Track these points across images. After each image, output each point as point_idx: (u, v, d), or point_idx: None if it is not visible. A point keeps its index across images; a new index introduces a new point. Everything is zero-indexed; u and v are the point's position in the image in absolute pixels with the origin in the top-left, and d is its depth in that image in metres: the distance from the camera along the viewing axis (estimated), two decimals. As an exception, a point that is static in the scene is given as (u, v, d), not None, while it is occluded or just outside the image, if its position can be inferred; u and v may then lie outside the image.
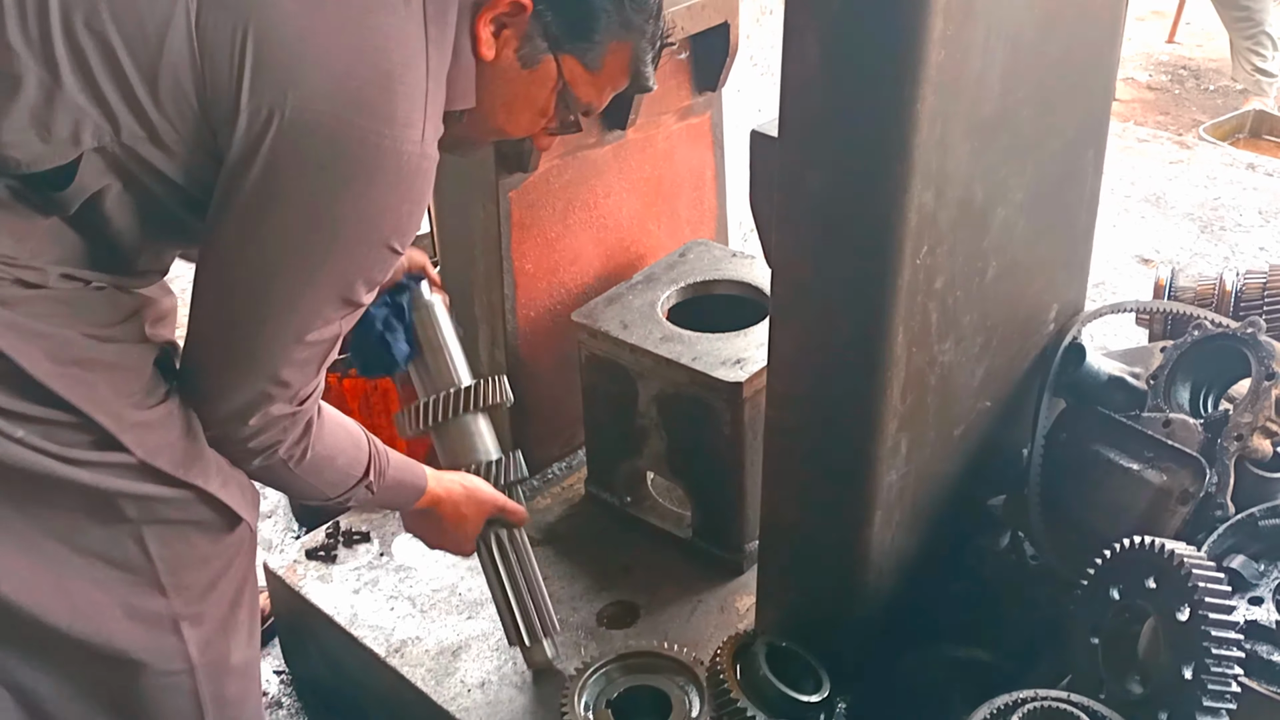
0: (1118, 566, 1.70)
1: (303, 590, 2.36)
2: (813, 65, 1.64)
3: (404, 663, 2.19)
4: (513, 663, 2.18)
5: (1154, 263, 4.09)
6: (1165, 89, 6.07)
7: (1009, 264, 1.89)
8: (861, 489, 1.86)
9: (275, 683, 2.58)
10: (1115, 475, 1.95)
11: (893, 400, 1.78)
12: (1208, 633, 1.53)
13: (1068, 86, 1.85)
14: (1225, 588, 1.57)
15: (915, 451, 1.88)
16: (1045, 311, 2.08)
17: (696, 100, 2.59)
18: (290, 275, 1.43)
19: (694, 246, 2.54)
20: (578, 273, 2.51)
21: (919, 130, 1.59)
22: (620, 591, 2.32)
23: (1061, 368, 2.07)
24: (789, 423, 1.92)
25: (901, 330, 1.73)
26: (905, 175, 1.61)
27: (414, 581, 2.37)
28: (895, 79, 1.56)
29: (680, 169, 2.63)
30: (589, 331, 2.31)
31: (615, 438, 2.41)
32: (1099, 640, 1.72)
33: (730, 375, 2.15)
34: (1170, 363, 2.00)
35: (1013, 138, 1.77)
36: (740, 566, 2.32)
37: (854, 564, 1.94)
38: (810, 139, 1.70)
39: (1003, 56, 1.67)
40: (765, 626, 2.15)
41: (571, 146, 2.38)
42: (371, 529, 2.49)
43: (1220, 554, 1.75)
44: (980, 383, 1.97)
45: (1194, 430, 1.89)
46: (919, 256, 1.69)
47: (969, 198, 1.74)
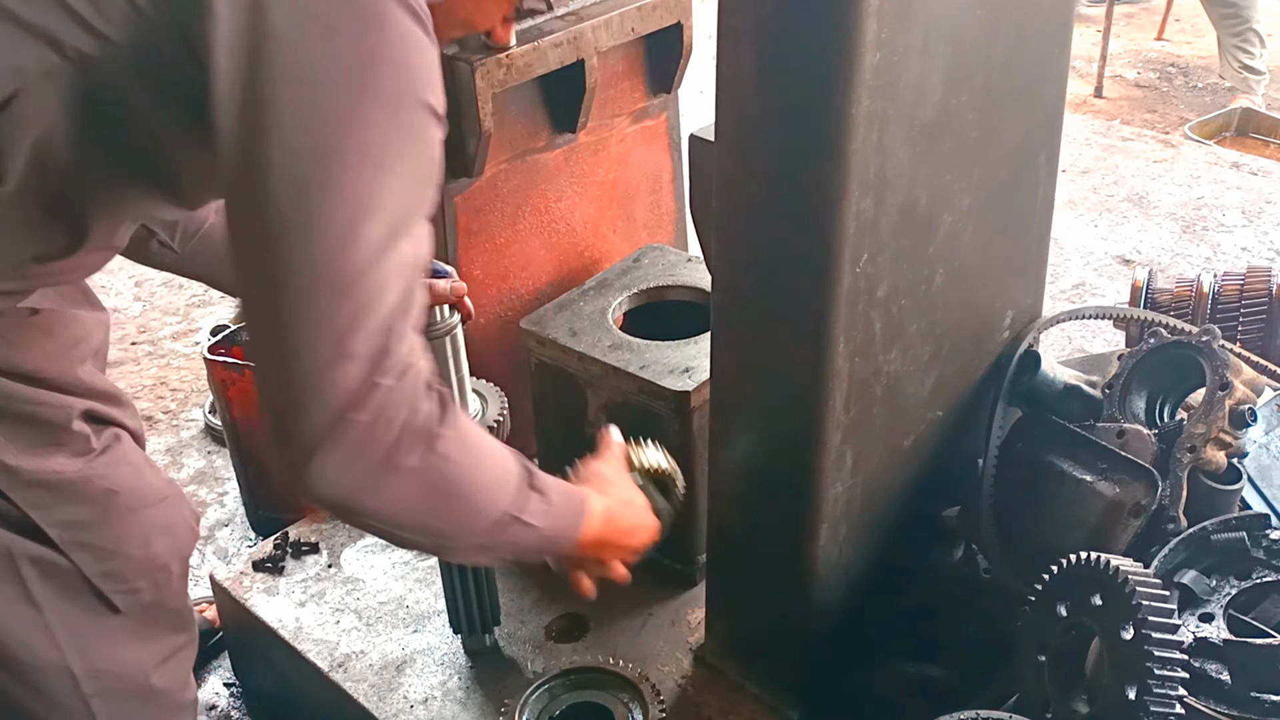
0: (1065, 582, 1.66)
1: (248, 603, 2.31)
2: (747, 69, 1.60)
3: (347, 678, 2.15)
4: (457, 677, 2.13)
5: (1135, 263, 4.05)
6: (1153, 86, 6.02)
7: (957, 270, 1.85)
8: (806, 502, 1.81)
9: (224, 695, 2.53)
10: (1068, 487, 1.91)
11: (836, 411, 1.74)
12: (1151, 652, 1.49)
13: (1015, 89, 1.80)
14: (1170, 606, 1.52)
15: (862, 464, 1.84)
16: (999, 318, 2.03)
17: (651, 102, 2.54)
18: (327, 158, 1.12)
19: (649, 251, 2.50)
20: (529, 279, 2.46)
21: (855, 135, 1.54)
22: (570, 604, 2.27)
23: (1016, 376, 2.03)
24: (731, 434, 1.88)
25: (843, 340, 1.68)
26: (841, 181, 1.57)
27: (361, 594, 2.32)
28: (829, 83, 1.51)
29: (636, 172, 2.58)
30: (537, 339, 2.27)
31: (566, 447, 2.35)
32: (1046, 658, 1.68)
33: (678, 384, 2.11)
34: (1125, 371, 1.96)
35: (957, 142, 1.73)
36: (693, 578, 2.27)
37: (801, 578, 1.89)
38: (745, 145, 1.65)
39: (944, 59, 1.62)
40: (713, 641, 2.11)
41: (520, 150, 2.33)
42: (320, 539, 2.44)
43: (1171, 569, 1.71)
44: (930, 392, 1.92)
45: (1148, 441, 1.85)
46: (859, 264, 1.65)
47: (911, 203, 1.69)
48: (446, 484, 1.23)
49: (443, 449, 1.20)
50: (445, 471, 1.22)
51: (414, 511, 1.23)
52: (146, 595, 1.56)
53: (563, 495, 1.43)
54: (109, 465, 1.50)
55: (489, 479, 1.29)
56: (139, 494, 1.54)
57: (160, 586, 1.58)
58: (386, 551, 2.41)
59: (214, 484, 3.13)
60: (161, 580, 1.58)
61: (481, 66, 2.09)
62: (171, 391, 3.52)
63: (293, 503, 2.75)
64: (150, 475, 1.60)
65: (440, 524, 1.28)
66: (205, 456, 3.24)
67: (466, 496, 1.26)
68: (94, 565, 1.48)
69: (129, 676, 1.59)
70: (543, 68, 2.20)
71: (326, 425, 1.12)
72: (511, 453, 1.36)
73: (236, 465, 2.84)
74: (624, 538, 1.58)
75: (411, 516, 1.24)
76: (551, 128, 2.38)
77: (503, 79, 2.13)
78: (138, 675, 1.60)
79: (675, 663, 2.13)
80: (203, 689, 2.54)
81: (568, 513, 1.44)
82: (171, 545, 1.60)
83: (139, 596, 1.55)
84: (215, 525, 3.00)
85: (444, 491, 1.24)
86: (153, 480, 1.59)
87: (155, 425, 3.37)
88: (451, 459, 1.21)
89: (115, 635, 1.55)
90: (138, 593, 1.55)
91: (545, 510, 1.37)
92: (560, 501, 1.41)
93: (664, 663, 2.13)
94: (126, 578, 1.53)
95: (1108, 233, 4.28)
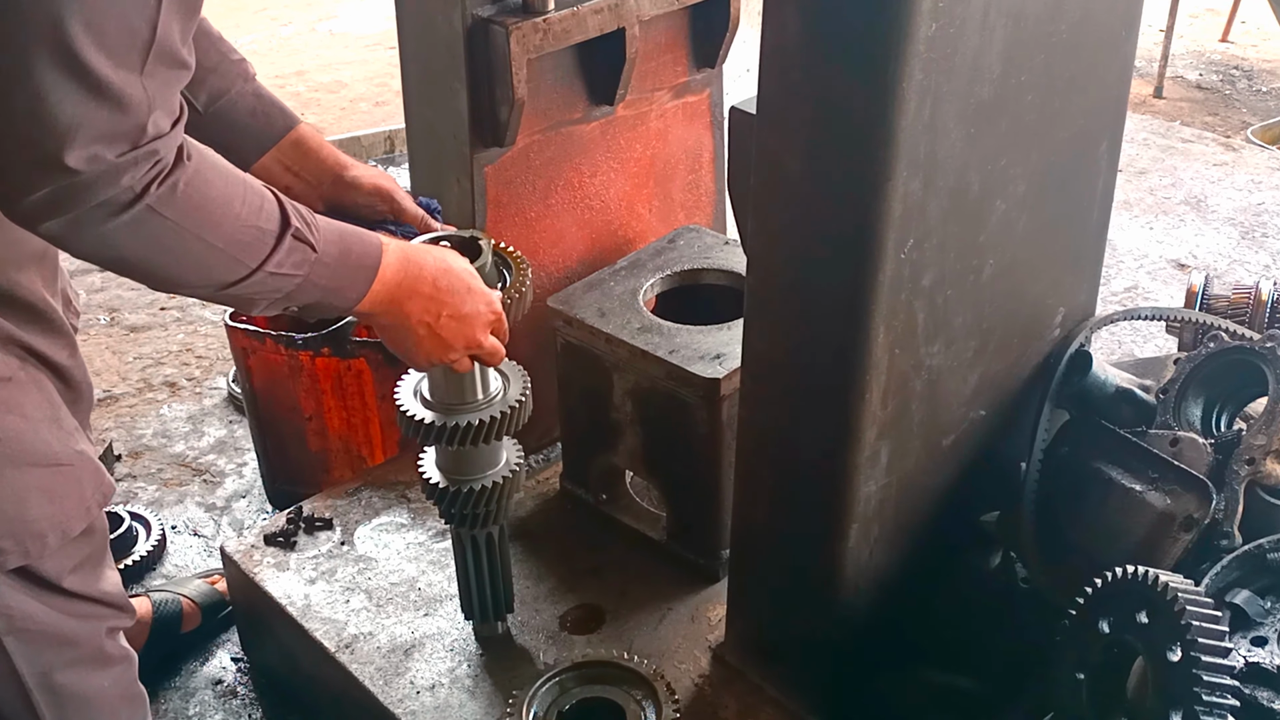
0: (1109, 597, 1.56)
1: (257, 577, 2.25)
2: (793, 35, 1.50)
3: (353, 659, 2.08)
4: (466, 665, 2.06)
5: (1190, 268, 3.92)
6: (1215, 89, 5.85)
7: (1008, 262, 1.75)
8: (836, 500, 1.72)
9: (231, 670, 2.47)
10: (1116, 496, 1.81)
11: (872, 406, 1.64)
12: (1199, 677, 1.39)
13: (1079, 70, 1.70)
14: (1222, 628, 1.43)
15: (897, 462, 1.75)
16: (1050, 315, 1.93)
17: (694, 77, 2.44)
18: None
19: (685, 233, 2.40)
20: (559, 256, 2.37)
21: (905, 110, 1.44)
22: (587, 594, 2.19)
23: (1065, 377, 1.93)
24: (761, 424, 1.79)
25: (883, 330, 1.59)
26: (889, 160, 1.47)
27: (373, 573, 2.25)
28: (880, 53, 1.42)
29: (675, 150, 2.48)
30: (564, 318, 2.18)
31: (590, 432, 2.28)
32: (1085, 676, 1.59)
33: (708, 371, 2.02)
34: (1182, 376, 1.86)
35: (1014, 123, 1.63)
36: (715, 573, 2.19)
37: (827, 579, 1.80)
38: (788, 117, 1.56)
39: (1004, 34, 1.52)
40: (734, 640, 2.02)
41: (554, 121, 2.24)
42: (335, 515, 2.37)
43: (1223, 588, 1.62)
44: (974, 390, 1.83)
45: (1203, 451, 1.75)
46: (904, 250, 1.55)
47: (963, 188, 1.60)
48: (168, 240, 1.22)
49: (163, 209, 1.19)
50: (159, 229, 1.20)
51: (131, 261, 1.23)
52: (11, 559, 1.44)
53: (339, 244, 1.39)
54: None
55: (225, 234, 1.26)
56: (26, 449, 1.42)
57: (28, 554, 1.46)
58: (401, 531, 2.34)
59: (234, 454, 3.08)
60: (34, 549, 1.46)
61: (517, 30, 2.00)
62: (197, 359, 3.46)
63: (311, 477, 2.70)
64: (49, 435, 1.46)
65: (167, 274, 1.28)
66: (226, 426, 3.18)
67: (194, 254, 1.24)
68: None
69: (41, 621, 1.52)
70: (581, 34, 2.10)
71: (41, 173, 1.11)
72: (272, 200, 1.32)
73: (255, 436, 2.77)
74: (446, 298, 1.54)
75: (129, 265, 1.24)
76: (588, 99, 2.28)
77: (539, 44, 2.04)
78: (51, 624, 1.54)
79: (693, 661, 2.05)
80: (210, 663, 2.49)
81: (348, 261, 1.41)
82: (51, 515, 1.47)
83: (4, 557, 1.44)
84: (232, 496, 2.94)
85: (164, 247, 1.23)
86: (50, 440, 1.46)
87: (179, 392, 3.32)
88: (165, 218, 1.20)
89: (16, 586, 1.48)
90: (3, 553, 1.43)
91: (309, 260, 1.35)
92: (334, 251, 1.38)
93: (681, 660, 2.05)
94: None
95: (1163, 235, 4.15)
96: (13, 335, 1.43)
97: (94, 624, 1.63)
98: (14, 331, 1.43)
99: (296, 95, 5.37)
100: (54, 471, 1.47)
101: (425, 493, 1.91)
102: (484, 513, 1.91)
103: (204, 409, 3.25)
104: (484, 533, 1.96)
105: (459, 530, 1.96)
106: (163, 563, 2.75)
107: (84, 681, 1.63)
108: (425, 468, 1.91)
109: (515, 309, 1.73)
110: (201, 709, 2.40)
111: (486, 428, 1.78)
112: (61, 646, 1.58)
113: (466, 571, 2.02)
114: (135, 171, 1.16)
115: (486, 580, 2.02)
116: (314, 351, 2.52)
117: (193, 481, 3.00)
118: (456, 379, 1.77)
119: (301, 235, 1.34)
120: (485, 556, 1.99)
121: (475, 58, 2.05)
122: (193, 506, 2.91)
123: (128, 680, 1.73)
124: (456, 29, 2.02)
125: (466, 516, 1.91)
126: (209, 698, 2.42)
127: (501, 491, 1.89)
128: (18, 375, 1.43)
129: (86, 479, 1.52)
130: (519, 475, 1.91)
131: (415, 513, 2.38)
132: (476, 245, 1.72)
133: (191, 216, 1.22)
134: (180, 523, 2.87)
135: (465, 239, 1.74)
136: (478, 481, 1.87)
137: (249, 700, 2.42)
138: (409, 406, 1.81)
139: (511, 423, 1.81)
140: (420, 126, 2.22)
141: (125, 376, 3.39)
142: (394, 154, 4.65)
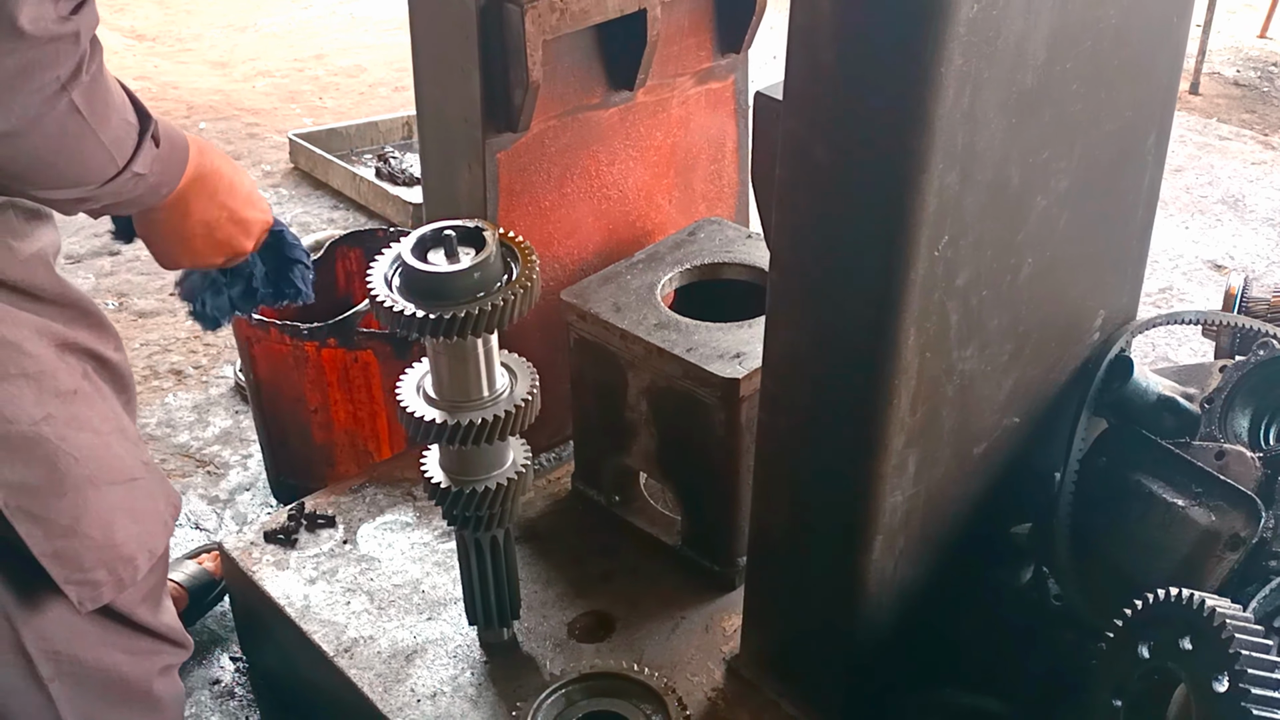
0: (1149, 620, 1.47)
1: (256, 576, 2.17)
2: (824, 13, 1.41)
3: (352, 664, 2.00)
4: (470, 673, 1.98)
5: (1227, 270, 3.81)
6: (1253, 86, 5.72)
7: (1048, 262, 1.65)
8: (860, 510, 1.63)
9: (230, 670, 2.40)
10: (1157, 510, 1.72)
11: (900, 411, 1.55)
12: (1249, 711, 1.30)
13: (1127, 59, 1.60)
14: (1273, 658, 1.33)
15: (926, 471, 1.65)
16: (1089, 318, 1.83)
17: (719, 63, 2.35)
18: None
19: (706, 225, 2.31)
20: (574, 247, 2.28)
21: (943, 98, 1.35)
22: (597, 601, 2.10)
23: (1104, 383, 1.84)
24: (782, 428, 1.70)
25: (914, 332, 1.50)
26: (924, 151, 1.38)
27: (375, 574, 2.17)
28: (917, 34, 1.33)
29: (697, 138, 2.39)
30: (578, 313, 2.09)
31: (603, 431, 2.19)
32: (1122, 704, 1.50)
33: (726, 370, 1.92)
34: (1229, 385, 1.77)
35: (1058, 114, 1.53)
36: (732, 581, 2.10)
37: (849, 593, 1.72)
38: (817, 103, 1.47)
39: (1049, 18, 1.43)
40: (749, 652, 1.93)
41: (571, 106, 2.15)
42: (338, 513, 2.29)
43: (1271, 612, 1.53)
44: (1008, 396, 1.73)
45: (1251, 465, 1.67)
46: (938, 247, 1.46)
47: (1002, 182, 1.50)
48: (68, 133, 1.14)
49: (75, 97, 1.12)
50: (69, 122, 1.13)
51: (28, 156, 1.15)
52: (106, 591, 1.37)
53: (168, 137, 1.31)
54: (69, 424, 1.31)
55: (111, 129, 1.19)
56: (103, 467, 1.34)
57: (122, 582, 1.39)
58: (405, 530, 2.26)
59: (239, 445, 3.00)
60: (125, 575, 1.39)
61: (533, 9, 1.91)
62: (205, 346, 3.39)
63: (316, 470, 2.62)
64: (120, 448, 1.39)
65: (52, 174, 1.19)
66: (233, 416, 3.11)
67: (86, 152, 1.17)
68: (43, 543, 1.29)
69: (93, 663, 1.43)
70: (600, 15, 2.01)
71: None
72: (130, 105, 1.23)
73: (259, 427, 2.70)
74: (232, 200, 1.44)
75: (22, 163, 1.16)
76: (607, 83, 2.19)
77: (555, 24, 1.95)
78: (106, 666, 1.45)
79: (706, 673, 1.96)
80: (208, 663, 2.41)
81: (173, 157, 1.33)
82: (138, 535, 1.40)
83: (98, 591, 1.36)
84: (236, 489, 2.87)
85: (65, 136, 1.15)
86: (122, 454, 1.39)
87: (185, 380, 3.25)
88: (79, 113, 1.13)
89: (74, 624, 1.39)
90: (96, 586, 1.35)
91: (156, 157, 1.27)
92: (168, 151, 1.30)
93: (694, 672, 1.96)
94: (82, 564, 1.34)
95: (1199, 235, 4.04)
96: (74, 341, 1.35)
97: (150, 661, 1.55)
98: (70, 335, 1.34)
99: (315, 79, 5.30)
100: (130, 487, 1.40)
101: (428, 493, 1.82)
102: (489, 515, 1.82)
103: (210, 398, 3.18)
104: (489, 536, 1.88)
105: (463, 533, 1.88)
106: (163, 556, 2.68)
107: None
108: (428, 467, 1.83)
109: (522, 302, 1.64)
110: (199, 709, 2.32)
111: (491, 426, 1.69)
112: (109, 689, 1.49)
113: (471, 575, 1.93)
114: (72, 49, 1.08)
115: (491, 585, 1.94)
116: (319, 342, 2.44)
117: (196, 473, 2.92)
118: (461, 374, 1.69)
119: (156, 134, 1.26)
120: (490, 560, 1.91)
121: (489, 38, 1.96)
122: (195, 499, 2.84)
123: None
124: (469, 8, 1.94)
125: (471, 519, 1.82)
126: (206, 698, 2.35)
127: (507, 493, 1.80)
128: (82, 387, 1.35)
129: (158, 490, 1.45)
130: (526, 476, 1.83)
131: (421, 511, 2.30)
132: (480, 235, 1.64)
133: (98, 112, 1.16)
134: (182, 516, 2.79)
135: (469, 228, 1.65)
136: (482, 483, 1.79)
137: (246, 702, 2.35)
138: (410, 403, 1.72)
139: (518, 421, 1.73)
140: (430, 110, 2.13)
141: (131, 363, 3.30)
142: (411, 140, 4.56)
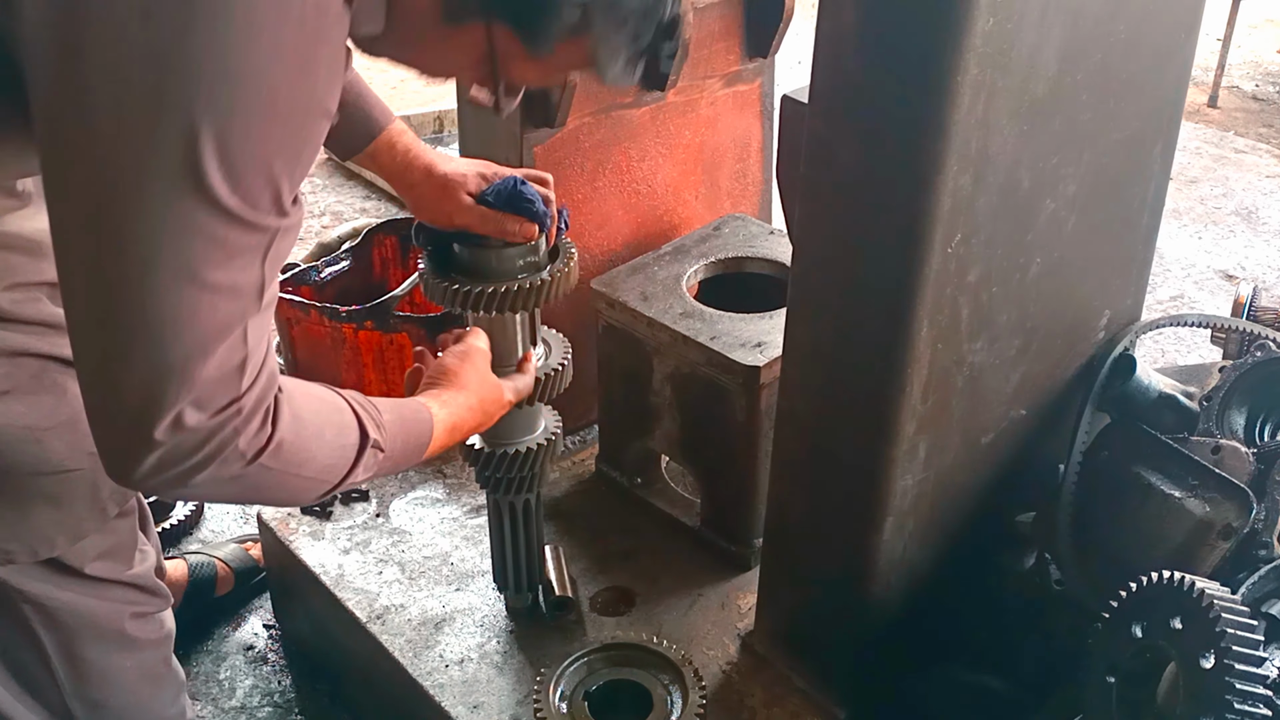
0: (1143, 602, 1.55)
1: (292, 545, 2.27)
2: (849, 23, 1.50)
3: (384, 630, 2.10)
4: (496, 640, 2.07)
5: (1238, 279, 3.87)
6: (1271, 100, 5.77)
7: (1055, 262, 1.74)
8: (872, 492, 1.72)
9: (263, 637, 2.50)
10: (1154, 501, 1.79)
11: (912, 399, 1.64)
12: (1232, 685, 1.38)
13: (1135, 71, 1.68)
14: (1257, 637, 1.41)
15: (935, 457, 1.74)
16: (1095, 318, 1.92)
17: (746, 67, 2.44)
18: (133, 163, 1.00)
19: (730, 220, 2.40)
20: (604, 239, 2.38)
21: (959, 105, 1.44)
22: (618, 577, 2.20)
23: (1108, 380, 1.91)
24: (799, 413, 1.79)
25: (927, 324, 1.59)
26: (940, 154, 1.46)
27: (407, 546, 2.27)
28: (935, 46, 1.41)
29: (724, 138, 2.48)
30: (607, 301, 2.19)
31: (627, 415, 2.29)
32: (1115, 680, 1.58)
33: (748, 358, 2.02)
34: (1227, 384, 1.84)
35: (1068, 123, 1.61)
36: (748, 562, 2.19)
37: (860, 572, 1.80)
38: (840, 107, 1.56)
39: (1061, 31, 1.51)
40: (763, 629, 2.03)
41: (605, 104, 2.25)
42: (371, 488, 2.39)
43: (1260, 598, 1.60)
44: (1015, 389, 1.82)
45: (1245, 459, 1.73)
46: (951, 245, 1.55)
47: (1013, 185, 1.59)
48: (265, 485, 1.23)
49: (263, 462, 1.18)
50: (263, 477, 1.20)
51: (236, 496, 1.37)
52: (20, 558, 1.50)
53: (403, 435, 1.40)
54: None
55: (325, 461, 1.27)
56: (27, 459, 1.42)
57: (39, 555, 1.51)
58: (435, 506, 2.36)
59: (273, 424, 3.10)
60: (41, 550, 1.52)
61: (572, 12, 2.00)
62: (240, 328, 3.48)
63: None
64: (57, 442, 1.44)
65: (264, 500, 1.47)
66: (267, 396, 3.21)
67: (290, 488, 1.26)
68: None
69: (62, 603, 1.57)
70: (635, 19, 2.10)
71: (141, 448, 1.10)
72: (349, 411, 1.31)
73: (295, 406, 2.79)
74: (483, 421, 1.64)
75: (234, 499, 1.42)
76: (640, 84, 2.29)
77: (593, 27, 2.04)
78: (75, 606, 1.59)
79: (721, 647, 2.05)
80: (242, 629, 2.52)
81: (410, 451, 1.44)
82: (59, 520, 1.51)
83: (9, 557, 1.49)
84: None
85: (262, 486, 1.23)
86: (58, 448, 1.44)
87: (221, 361, 3.34)
88: (271, 469, 1.20)
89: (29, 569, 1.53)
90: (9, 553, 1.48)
91: (383, 458, 1.36)
92: (400, 449, 1.40)
93: (710, 646, 2.05)
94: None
95: (1212, 246, 4.10)
96: (25, 348, 1.39)
97: (117, 606, 1.65)
98: (31, 344, 1.40)
99: (348, 72, 5.38)
100: (60, 479, 1.47)
101: (463, 456, 1.91)
102: (520, 478, 1.91)
103: (246, 378, 3.27)
104: (521, 499, 1.96)
105: (495, 496, 1.97)
106: (199, 528, 2.78)
107: (105, 658, 1.65)
108: None
109: (558, 287, 1.74)
110: (232, 673, 2.42)
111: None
112: (80, 623, 1.60)
113: (502, 539, 2.01)
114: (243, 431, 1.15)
115: (522, 548, 2.02)
116: (357, 324, 2.54)
117: (232, 449, 3.02)
118: (501, 342, 1.77)
119: (378, 444, 1.33)
120: (521, 524, 1.99)
121: (529, 38, 2.05)
122: (231, 474, 2.94)
123: (154, 662, 1.75)
124: (512, 9, 2.03)
125: (502, 481, 1.91)
126: (240, 663, 2.45)
127: (538, 457, 1.89)
128: (23, 386, 1.40)
129: (102, 481, 1.49)
130: (556, 442, 1.91)
131: (451, 488, 2.40)
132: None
133: (293, 461, 1.22)
134: (218, 489, 2.89)
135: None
136: (514, 446, 1.88)
137: (279, 667, 2.44)
138: None
139: (550, 388, 1.82)
140: (472, 105, 2.23)
141: (169, 343, 3.41)
142: (443, 134, 4.65)
